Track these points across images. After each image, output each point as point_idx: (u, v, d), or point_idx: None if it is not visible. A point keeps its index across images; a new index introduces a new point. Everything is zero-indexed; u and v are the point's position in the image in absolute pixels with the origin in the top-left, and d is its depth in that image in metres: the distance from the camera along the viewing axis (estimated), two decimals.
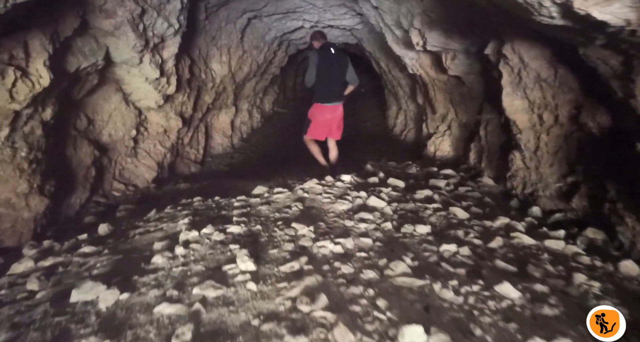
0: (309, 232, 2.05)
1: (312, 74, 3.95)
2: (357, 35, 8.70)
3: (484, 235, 2.15)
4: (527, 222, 2.41)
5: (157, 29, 4.12)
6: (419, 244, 2.01)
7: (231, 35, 6.83)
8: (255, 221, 2.28)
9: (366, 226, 2.20)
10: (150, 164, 4.80)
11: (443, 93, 5.26)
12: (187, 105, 5.69)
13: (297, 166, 6.75)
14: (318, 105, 4.04)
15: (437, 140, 5.49)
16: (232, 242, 1.96)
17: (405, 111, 8.77)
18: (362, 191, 2.78)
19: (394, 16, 4.80)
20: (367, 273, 1.62)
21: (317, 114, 4.05)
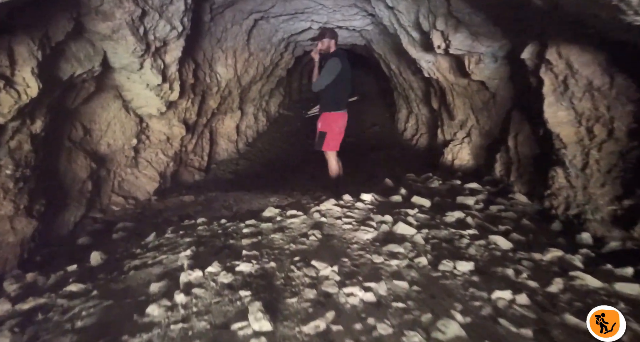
0: (333, 272, 1.72)
1: (327, 81, 3.61)
2: (367, 36, 8.38)
3: (538, 274, 1.82)
4: (582, 254, 2.07)
5: (159, 32, 3.81)
6: (464, 288, 1.68)
7: (237, 37, 6.52)
8: (268, 254, 1.96)
9: (398, 262, 1.87)
10: (152, 174, 4.50)
11: (462, 98, 4.92)
12: (191, 111, 5.39)
13: (304, 174, 6.43)
14: (333, 113, 3.69)
15: (455, 148, 5.15)
16: (243, 286, 1.64)
17: (417, 115, 8.43)
18: (387, 214, 2.45)
19: (411, 17, 4.47)
20: (410, 336, 1.30)
21: (333, 124, 3.71)
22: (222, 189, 5.22)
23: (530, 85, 2.96)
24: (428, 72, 5.30)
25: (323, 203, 2.60)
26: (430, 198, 3.03)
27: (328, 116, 3.75)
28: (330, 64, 3.58)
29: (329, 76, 3.60)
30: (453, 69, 4.80)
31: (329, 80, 3.62)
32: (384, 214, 2.46)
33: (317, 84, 3.67)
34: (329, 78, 3.60)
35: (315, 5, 6.30)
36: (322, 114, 3.79)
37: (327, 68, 3.59)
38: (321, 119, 3.80)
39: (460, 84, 4.80)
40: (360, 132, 10.12)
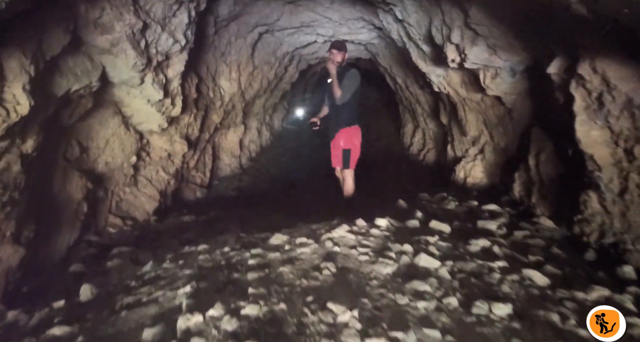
0: (353, 318, 1.50)
1: (351, 93, 3.45)
2: (372, 50, 8.28)
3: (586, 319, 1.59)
4: (631, 293, 1.84)
5: (161, 46, 3.67)
6: (505, 337, 1.45)
7: (241, 50, 6.42)
8: (278, 293, 1.73)
9: (425, 304, 1.64)
10: (152, 193, 4.31)
11: (475, 114, 4.73)
12: (194, 127, 5.23)
13: (310, 191, 6.22)
14: (354, 128, 3.55)
15: (468, 165, 4.94)
16: (249, 335, 1.42)
17: (424, 130, 8.25)
18: (406, 242, 2.23)
19: (422, 30, 4.33)
20: None
21: (355, 139, 3.54)
22: (225, 208, 5.02)
23: (556, 102, 2.77)
24: (438, 87, 5.14)
25: (335, 229, 2.39)
26: (449, 222, 2.81)
27: (350, 131, 3.56)
28: (353, 76, 3.44)
29: (352, 88, 3.45)
30: (465, 84, 4.63)
31: (350, 94, 3.47)
32: (403, 242, 2.24)
33: (343, 97, 3.43)
34: (351, 91, 3.46)
35: (322, 19, 6.21)
36: (344, 130, 3.57)
37: (350, 80, 3.43)
38: (343, 135, 3.56)
39: (472, 99, 4.63)
40: (366, 146, 9.93)
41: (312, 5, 5.75)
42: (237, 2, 5.30)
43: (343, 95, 3.45)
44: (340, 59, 3.54)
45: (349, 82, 3.44)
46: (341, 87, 3.45)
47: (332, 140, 3.76)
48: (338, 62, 3.53)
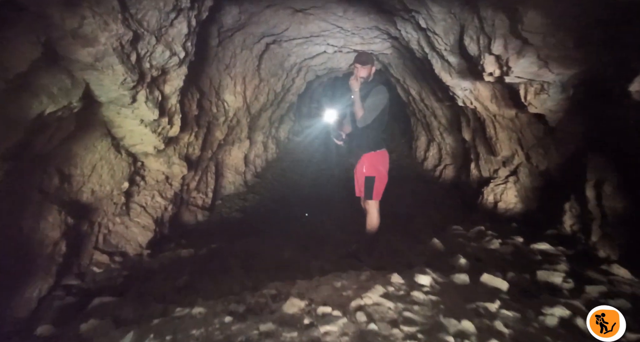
0: None
1: (375, 114, 2.93)
2: (384, 60, 7.82)
3: None
4: None
5: (157, 59, 3.20)
6: None
7: (247, 62, 5.97)
8: None
9: None
10: (146, 222, 3.80)
11: (508, 132, 4.21)
12: (195, 146, 4.74)
13: (320, 212, 5.68)
14: (380, 153, 3.01)
15: (498, 188, 4.39)
16: None
17: (440, 144, 7.74)
18: (463, 317, 1.68)
19: (449, 40, 3.83)
20: None
21: (380, 165, 2.99)
22: (228, 235, 4.49)
23: (631, 126, 2.24)
24: (463, 101, 4.63)
25: (367, 293, 1.85)
26: (501, 273, 2.27)
27: (375, 157, 3.01)
28: (378, 94, 2.90)
29: (377, 109, 2.93)
30: (496, 99, 4.12)
31: (377, 113, 2.95)
32: (459, 315, 1.69)
33: (364, 119, 2.90)
34: (376, 113, 2.94)
35: (333, 28, 5.75)
36: (367, 155, 3.03)
37: (375, 99, 2.89)
38: (366, 160, 3.03)
39: (505, 116, 4.11)
40: None
41: (323, 14, 5.29)
42: (243, 12, 4.85)
43: (364, 116, 2.94)
44: (365, 75, 3.02)
45: (373, 101, 2.92)
46: (364, 107, 2.94)
47: (356, 166, 3.24)
48: (363, 78, 3.00)
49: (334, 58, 7.96)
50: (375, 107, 2.93)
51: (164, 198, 4.17)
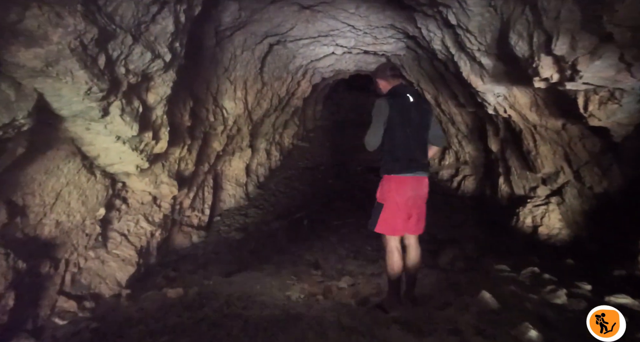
0: None
1: (377, 132, 2.36)
2: (396, 62, 7.19)
3: None
4: None
5: (135, 63, 2.61)
6: None
7: (248, 65, 5.38)
8: None
9: None
10: (127, 254, 3.21)
11: (552, 145, 3.58)
12: (188, 161, 4.15)
13: (330, 231, 5.07)
14: (393, 177, 2.38)
15: (538, 210, 3.77)
16: None
17: (458, 153, 7.11)
18: None
19: (486, 38, 3.21)
20: None
21: (394, 192, 2.37)
22: (225, 265, 3.90)
23: None
24: (495, 108, 4.00)
25: None
26: None
27: (386, 181, 2.43)
28: (373, 111, 2.39)
29: (374, 126, 2.36)
30: (538, 107, 3.49)
31: (376, 133, 2.36)
32: None
33: (366, 141, 2.42)
34: (375, 129, 2.36)
35: (343, 27, 5.15)
36: (382, 178, 2.47)
37: (372, 115, 2.39)
38: (380, 183, 2.48)
39: (549, 127, 3.48)
40: None
41: (332, 11, 4.69)
42: (243, 8, 4.26)
43: (366, 137, 2.40)
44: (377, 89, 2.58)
45: (372, 118, 2.38)
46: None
47: None
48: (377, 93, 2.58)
49: (342, 59, 7.37)
50: (370, 126, 2.37)
51: (150, 223, 3.58)
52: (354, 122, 13.26)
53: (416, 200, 2.40)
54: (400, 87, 2.49)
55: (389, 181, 2.40)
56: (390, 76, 2.52)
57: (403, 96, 2.40)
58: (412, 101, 2.39)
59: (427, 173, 2.46)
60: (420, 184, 2.41)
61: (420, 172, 2.40)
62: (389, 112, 2.32)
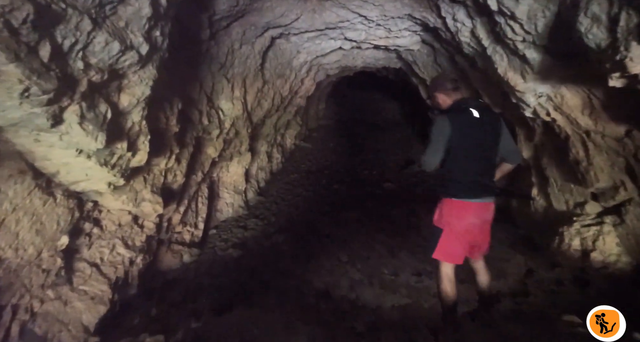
0: None
1: (437, 153, 2.05)
2: (408, 58, 6.58)
3: None
4: None
5: (97, 55, 2.01)
6: None
7: (247, 60, 4.78)
8: None
9: None
10: (98, 290, 2.62)
11: (610, 156, 2.97)
12: (177, 172, 3.55)
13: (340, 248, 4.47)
14: (455, 202, 2.11)
15: (588, 231, 3.17)
16: None
17: None
18: None
19: (535, 26, 2.60)
20: None
21: (454, 218, 2.12)
22: (219, 295, 3.31)
23: None
24: (535, 110, 3.40)
25: None
26: None
27: (446, 205, 2.15)
28: (433, 128, 2.08)
29: (433, 146, 2.05)
30: (593, 110, 2.88)
31: (436, 155, 2.05)
32: None
33: (423, 161, 2.14)
34: (434, 150, 2.05)
35: (354, 18, 4.53)
36: (441, 200, 2.20)
37: (431, 134, 2.08)
38: (439, 206, 2.21)
39: (607, 133, 2.88)
40: (397, 172, 8.21)
41: None
42: None
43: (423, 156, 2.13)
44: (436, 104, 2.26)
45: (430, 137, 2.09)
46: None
47: None
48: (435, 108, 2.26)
49: (350, 55, 6.76)
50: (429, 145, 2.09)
51: (129, 248, 2.99)
52: (358, 121, 12.65)
53: (481, 226, 2.14)
54: (463, 101, 2.16)
55: (450, 206, 2.12)
56: (452, 90, 2.19)
57: (466, 112, 2.08)
58: (476, 117, 2.07)
59: (494, 197, 2.16)
60: (486, 210, 2.13)
61: (486, 197, 2.12)
62: (450, 131, 2.03)
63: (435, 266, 2.26)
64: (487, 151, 2.11)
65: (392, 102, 14.01)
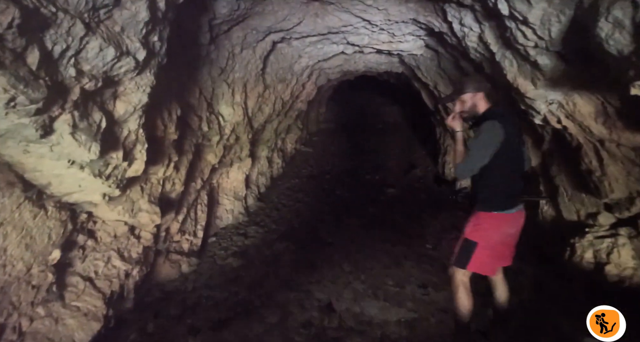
0: None
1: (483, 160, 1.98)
2: (411, 62, 6.49)
3: None
4: None
5: (91, 61, 1.90)
6: None
7: (248, 65, 4.68)
8: None
9: None
10: (92, 305, 2.49)
11: (626, 165, 2.86)
12: (175, 180, 3.44)
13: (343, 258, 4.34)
14: (495, 216, 2.06)
15: (602, 243, 3.05)
16: None
17: None
18: None
19: (550, 31, 2.50)
20: None
21: (493, 231, 2.08)
22: (218, 308, 3.19)
23: None
24: (545, 118, 3.29)
25: None
26: None
27: (484, 218, 2.10)
28: (485, 133, 1.98)
29: (480, 153, 1.98)
30: (607, 117, 2.77)
31: (482, 161, 1.99)
32: None
33: (464, 169, 2.03)
34: (480, 157, 1.98)
35: (357, 22, 4.44)
36: (477, 214, 2.13)
37: (480, 140, 1.98)
38: (472, 219, 2.14)
39: (623, 142, 2.77)
40: (400, 177, 8.09)
41: (346, 3, 3.97)
42: None
43: (464, 166, 2.00)
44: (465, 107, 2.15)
45: (477, 143, 1.97)
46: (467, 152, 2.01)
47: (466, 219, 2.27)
48: (466, 113, 2.16)
49: (352, 60, 6.67)
50: (477, 150, 1.95)
51: (125, 260, 2.87)
52: (359, 124, 12.54)
53: (514, 235, 2.16)
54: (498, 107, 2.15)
55: (489, 219, 2.07)
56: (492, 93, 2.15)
57: (508, 118, 2.05)
58: (513, 124, 2.05)
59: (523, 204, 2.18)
60: (520, 218, 2.15)
61: (520, 204, 2.14)
62: (502, 138, 1.95)
63: (451, 275, 2.18)
64: (520, 159, 2.10)
65: (393, 105, 13.92)
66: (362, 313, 3.13)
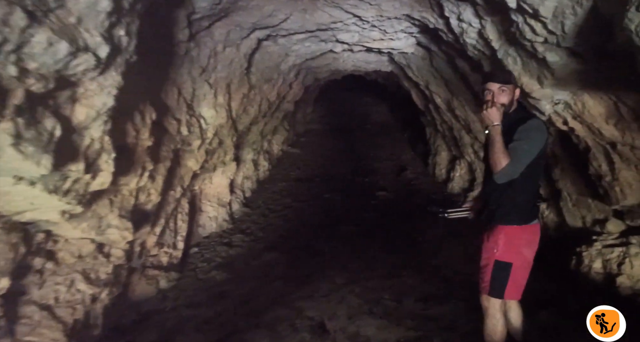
0: None
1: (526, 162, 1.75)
2: (401, 61, 6.29)
3: None
4: None
5: (38, 58, 1.58)
6: None
7: (232, 64, 4.36)
8: None
9: None
10: (49, 339, 2.16)
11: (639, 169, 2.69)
12: (151, 190, 3.11)
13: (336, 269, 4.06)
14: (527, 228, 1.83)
15: (611, 252, 2.87)
16: None
17: (472, 164, 6.25)
18: None
19: (563, 25, 2.28)
20: None
21: (525, 247, 1.84)
22: (201, 325, 2.89)
23: None
24: (550, 118, 3.10)
25: None
26: None
27: (516, 234, 1.82)
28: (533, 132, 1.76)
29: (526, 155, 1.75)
30: (621, 119, 2.59)
31: (525, 164, 1.76)
32: None
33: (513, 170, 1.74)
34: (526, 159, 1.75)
35: (348, 18, 4.17)
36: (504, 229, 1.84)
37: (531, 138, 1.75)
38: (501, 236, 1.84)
39: (637, 145, 2.59)
40: (391, 179, 7.88)
41: None
42: None
43: (509, 168, 1.73)
44: (507, 100, 1.82)
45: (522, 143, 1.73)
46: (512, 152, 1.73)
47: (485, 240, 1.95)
48: (503, 105, 1.80)
49: (341, 58, 6.41)
50: (523, 151, 1.73)
51: (92, 282, 2.54)
52: (347, 124, 12.31)
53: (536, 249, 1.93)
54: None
55: (523, 234, 1.83)
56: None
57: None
58: None
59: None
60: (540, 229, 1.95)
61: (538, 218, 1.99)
62: (546, 139, 1.82)
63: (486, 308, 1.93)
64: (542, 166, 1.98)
65: (382, 105, 13.75)
66: (358, 333, 2.87)
